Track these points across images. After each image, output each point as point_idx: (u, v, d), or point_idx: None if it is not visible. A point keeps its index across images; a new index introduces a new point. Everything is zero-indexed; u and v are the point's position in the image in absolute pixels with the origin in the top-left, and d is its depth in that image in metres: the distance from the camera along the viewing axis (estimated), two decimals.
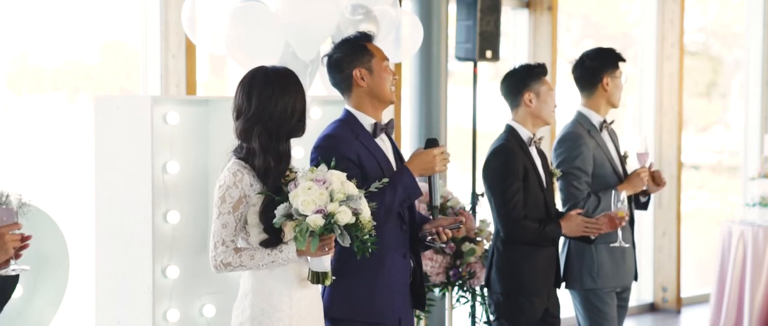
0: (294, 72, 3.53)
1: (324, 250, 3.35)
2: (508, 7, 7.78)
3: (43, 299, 4.17)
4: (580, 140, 4.96)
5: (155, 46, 6.02)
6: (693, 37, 9.86)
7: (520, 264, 4.62)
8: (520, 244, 4.61)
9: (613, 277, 4.99)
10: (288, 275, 3.46)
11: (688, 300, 9.02)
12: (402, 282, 3.90)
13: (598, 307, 4.97)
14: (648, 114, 8.86)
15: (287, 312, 3.45)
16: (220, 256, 3.40)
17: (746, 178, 9.27)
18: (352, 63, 3.88)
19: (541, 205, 4.65)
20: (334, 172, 3.38)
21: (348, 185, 3.36)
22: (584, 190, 4.92)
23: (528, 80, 4.72)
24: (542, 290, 4.66)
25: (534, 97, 4.70)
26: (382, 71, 3.88)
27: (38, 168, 5.96)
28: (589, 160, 4.96)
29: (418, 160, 3.86)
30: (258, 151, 3.40)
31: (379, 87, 3.87)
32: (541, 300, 4.66)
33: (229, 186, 3.39)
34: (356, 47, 3.89)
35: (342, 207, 3.30)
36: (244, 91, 3.46)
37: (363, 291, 3.81)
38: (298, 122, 3.47)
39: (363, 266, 3.75)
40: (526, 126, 4.72)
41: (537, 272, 4.64)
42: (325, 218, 3.29)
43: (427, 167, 3.86)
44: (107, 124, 4.65)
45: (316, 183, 3.32)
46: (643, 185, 5.01)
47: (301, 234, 3.29)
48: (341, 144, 3.77)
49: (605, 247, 4.96)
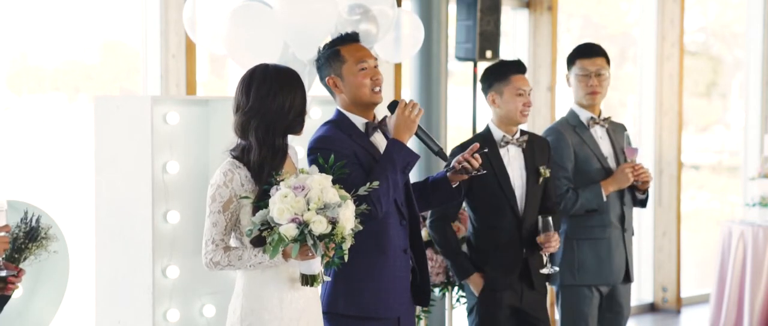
0: (296, 71, 3.53)
1: (307, 255, 3.33)
2: (508, 7, 7.78)
3: (43, 299, 4.17)
4: (558, 136, 4.99)
5: (155, 46, 6.02)
6: (693, 37, 9.86)
7: (485, 263, 4.68)
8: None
9: (595, 274, 4.97)
10: (280, 276, 3.46)
11: (688, 300, 9.02)
12: (404, 277, 3.90)
13: (575, 304, 4.96)
14: (648, 114, 8.86)
15: (277, 313, 3.45)
16: (210, 255, 3.43)
17: (746, 178, 9.27)
18: (325, 71, 3.88)
19: (504, 209, 4.63)
20: (317, 178, 3.32)
21: (328, 192, 3.31)
22: (563, 186, 4.93)
23: (492, 79, 4.70)
24: (508, 285, 4.65)
25: (497, 97, 4.68)
26: (354, 76, 3.82)
27: (38, 168, 5.96)
28: (568, 156, 4.97)
29: (396, 126, 3.80)
30: (254, 145, 3.41)
31: (353, 93, 3.83)
32: (510, 295, 4.66)
33: (219, 185, 3.41)
34: (329, 54, 3.86)
35: (318, 216, 3.26)
36: (244, 87, 3.48)
37: (368, 286, 3.81)
38: (295, 119, 3.47)
39: (367, 261, 3.77)
40: (499, 126, 4.72)
41: (497, 268, 4.65)
42: (299, 227, 3.26)
43: (408, 125, 3.80)
44: (107, 124, 4.65)
45: (295, 191, 3.29)
46: (628, 181, 4.99)
47: (273, 244, 3.27)
48: (336, 143, 3.77)
49: (588, 243, 4.96)
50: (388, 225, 3.81)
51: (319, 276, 3.43)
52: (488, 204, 4.66)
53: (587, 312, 4.97)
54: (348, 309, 3.82)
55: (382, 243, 3.81)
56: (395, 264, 3.85)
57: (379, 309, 3.83)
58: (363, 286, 3.81)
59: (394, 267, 3.85)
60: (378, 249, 3.80)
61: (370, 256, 3.78)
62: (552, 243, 4.52)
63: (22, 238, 3.72)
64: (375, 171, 3.72)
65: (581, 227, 5.00)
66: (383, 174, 3.70)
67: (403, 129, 3.79)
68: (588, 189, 4.94)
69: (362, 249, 3.70)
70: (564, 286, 4.99)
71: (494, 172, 4.62)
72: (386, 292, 3.83)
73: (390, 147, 3.77)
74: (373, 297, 3.81)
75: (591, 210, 4.96)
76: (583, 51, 5.08)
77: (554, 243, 4.53)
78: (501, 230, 4.66)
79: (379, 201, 3.67)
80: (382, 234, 3.80)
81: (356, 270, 3.78)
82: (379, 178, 3.65)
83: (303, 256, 3.33)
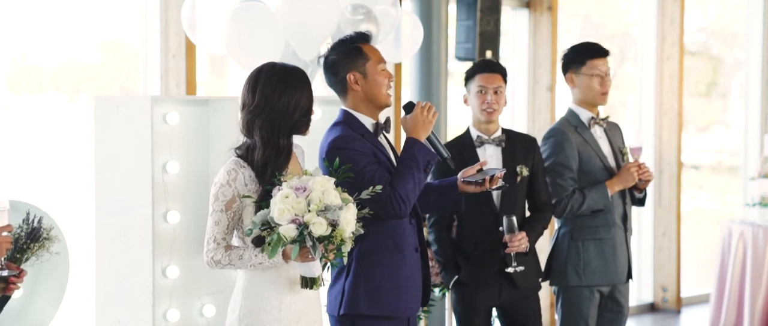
0: (304, 71, 3.52)
1: (307, 257, 3.32)
2: (508, 7, 7.78)
3: (43, 299, 4.16)
4: (562, 136, 4.96)
5: (155, 46, 6.02)
6: (693, 37, 9.86)
7: (464, 259, 4.75)
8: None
9: (602, 274, 4.97)
10: (280, 278, 3.46)
11: (688, 300, 9.02)
12: (417, 276, 3.92)
13: (578, 305, 4.96)
14: (648, 114, 8.86)
15: (275, 315, 3.45)
16: (211, 253, 3.44)
17: (746, 178, 9.27)
18: (346, 66, 3.84)
19: (481, 207, 4.67)
20: (319, 180, 3.31)
21: (330, 195, 3.30)
22: (569, 187, 4.91)
23: (467, 80, 4.80)
24: (484, 282, 4.70)
25: (470, 97, 4.78)
26: (376, 75, 3.83)
27: (38, 169, 5.96)
28: (572, 156, 4.94)
29: (414, 126, 3.83)
30: (258, 144, 3.41)
31: (373, 91, 3.84)
32: (485, 294, 4.71)
33: (222, 184, 3.41)
34: (351, 50, 3.84)
35: (318, 218, 3.25)
36: (251, 85, 3.48)
37: (387, 285, 3.82)
38: (301, 118, 3.47)
39: (387, 260, 3.79)
40: (478, 127, 4.78)
41: (475, 265, 4.71)
42: (299, 228, 3.25)
43: (425, 125, 3.83)
44: (107, 124, 4.65)
45: (297, 192, 3.28)
46: (634, 180, 4.99)
47: (272, 244, 3.26)
48: (356, 142, 3.75)
49: (593, 243, 4.96)
50: (403, 225, 3.82)
51: (318, 279, 3.43)
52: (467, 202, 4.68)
53: (588, 313, 4.96)
54: (370, 309, 3.82)
55: (399, 243, 3.82)
56: (410, 263, 3.87)
57: (398, 308, 3.85)
58: (382, 286, 3.81)
59: (410, 266, 3.87)
60: (395, 248, 3.82)
61: (389, 255, 3.80)
62: (515, 243, 4.59)
63: (24, 239, 3.73)
64: (399, 170, 3.73)
65: (586, 227, 4.98)
66: (409, 172, 3.71)
67: (420, 129, 3.81)
68: (594, 189, 4.92)
69: (381, 248, 3.72)
70: (570, 287, 4.97)
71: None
72: (404, 291, 3.85)
73: (410, 145, 3.78)
74: (392, 297, 3.83)
75: (597, 210, 4.95)
76: (595, 50, 5.05)
77: (518, 243, 4.60)
78: (479, 228, 4.72)
79: (408, 199, 3.68)
80: (398, 233, 3.81)
81: (376, 270, 3.80)
82: (404, 176, 3.68)
83: (303, 258, 3.32)
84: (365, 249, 3.64)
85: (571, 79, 5.05)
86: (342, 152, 3.67)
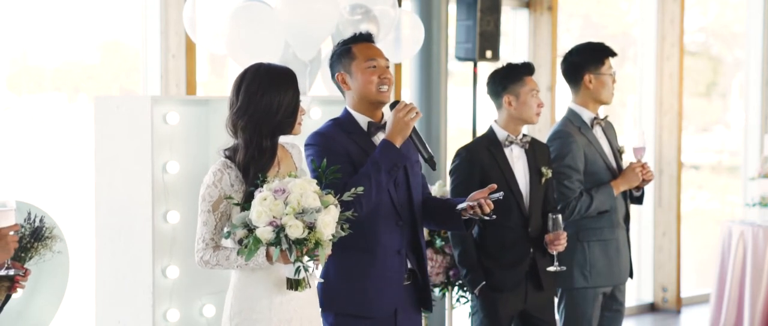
0: (291, 70, 3.52)
1: (288, 259, 3.32)
2: (508, 7, 7.78)
3: (43, 299, 4.16)
4: (569, 138, 4.93)
5: (155, 46, 6.02)
6: (693, 37, 9.86)
7: (491, 262, 4.65)
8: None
9: (607, 276, 4.96)
10: (270, 278, 3.46)
11: (688, 300, 9.02)
12: (396, 279, 3.90)
13: (582, 307, 4.95)
14: (648, 114, 8.86)
15: (266, 314, 3.45)
16: (201, 253, 3.45)
17: (746, 178, 9.27)
18: (335, 67, 3.91)
19: (511, 207, 4.61)
20: (299, 182, 3.31)
21: (308, 197, 3.29)
22: (576, 189, 4.89)
23: (506, 82, 4.67)
24: (514, 285, 4.63)
25: (513, 99, 4.65)
26: (361, 73, 3.84)
27: (38, 168, 5.96)
28: (579, 157, 4.92)
29: (389, 127, 3.81)
30: (241, 146, 3.42)
31: (361, 89, 3.85)
32: (512, 298, 4.65)
33: (208, 185, 3.42)
34: (341, 51, 3.90)
35: (295, 220, 3.25)
36: (236, 86, 3.49)
37: (356, 285, 3.83)
38: (285, 119, 3.45)
39: (355, 259, 3.81)
40: (506, 127, 4.69)
41: (505, 267, 4.63)
42: (275, 230, 3.25)
43: (400, 127, 3.79)
44: (107, 124, 4.65)
45: (275, 194, 3.28)
46: (638, 180, 4.98)
47: (249, 246, 3.26)
48: (329, 140, 3.79)
49: (598, 244, 4.95)
50: (377, 225, 3.82)
51: (303, 281, 3.42)
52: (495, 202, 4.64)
53: (591, 314, 4.96)
54: (345, 307, 3.85)
55: (370, 242, 3.82)
56: (384, 264, 3.86)
57: (372, 309, 3.85)
58: (353, 285, 3.84)
59: (384, 267, 3.86)
60: (366, 248, 3.82)
61: (357, 254, 3.81)
62: (561, 241, 4.55)
63: (28, 238, 3.74)
64: (360, 172, 3.75)
65: (590, 228, 4.96)
66: (367, 175, 3.72)
67: (396, 130, 3.79)
68: (601, 191, 4.90)
69: (350, 247, 3.73)
70: (575, 289, 4.95)
71: (501, 171, 4.62)
72: (375, 291, 3.84)
73: (378, 147, 3.79)
74: (361, 296, 3.84)
75: (603, 211, 4.94)
76: (610, 50, 5.03)
77: (563, 241, 4.56)
78: (508, 229, 4.64)
79: (359, 203, 3.67)
80: (369, 234, 3.81)
81: (347, 269, 3.83)
82: (361, 179, 3.68)
83: (285, 260, 3.33)
84: (338, 246, 3.64)
85: (590, 80, 5.00)
86: (313, 148, 3.77)
